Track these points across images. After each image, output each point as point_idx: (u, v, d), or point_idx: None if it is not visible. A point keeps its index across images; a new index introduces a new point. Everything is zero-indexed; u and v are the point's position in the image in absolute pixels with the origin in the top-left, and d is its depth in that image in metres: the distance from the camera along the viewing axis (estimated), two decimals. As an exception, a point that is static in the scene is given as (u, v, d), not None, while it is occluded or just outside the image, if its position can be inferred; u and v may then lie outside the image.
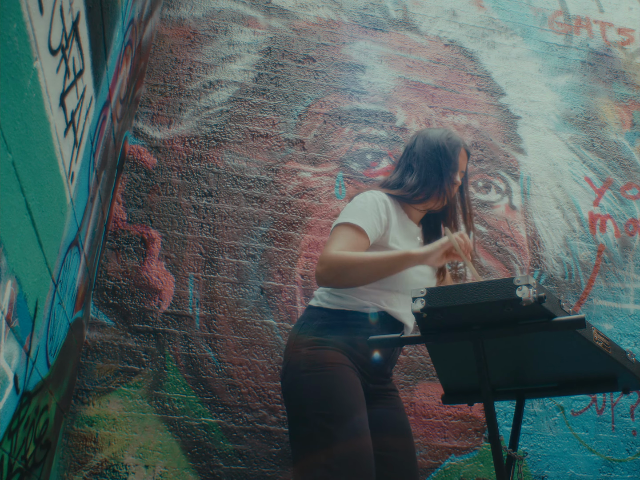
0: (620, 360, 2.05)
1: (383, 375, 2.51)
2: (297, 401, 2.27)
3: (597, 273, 3.83)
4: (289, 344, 2.41)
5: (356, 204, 2.46)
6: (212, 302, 3.17)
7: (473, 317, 1.85)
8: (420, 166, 2.58)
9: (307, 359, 2.30)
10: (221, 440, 2.99)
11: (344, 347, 2.32)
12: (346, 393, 2.25)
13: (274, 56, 3.71)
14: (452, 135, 2.64)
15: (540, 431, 3.44)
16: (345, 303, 2.39)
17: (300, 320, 2.46)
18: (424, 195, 2.55)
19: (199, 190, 3.33)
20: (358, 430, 2.19)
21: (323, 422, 2.18)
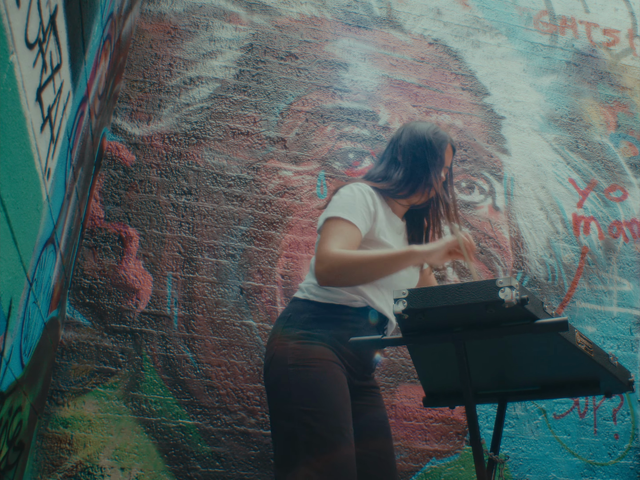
0: (603, 363, 2.06)
1: (368, 371, 2.52)
2: (282, 396, 2.27)
3: (580, 275, 3.86)
4: (274, 336, 2.40)
5: (344, 197, 2.45)
6: (191, 302, 3.17)
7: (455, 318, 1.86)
8: (406, 160, 2.59)
9: (294, 353, 2.29)
10: (199, 443, 2.99)
11: (331, 342, 2.33)
12: (332, 391, 2.25)
13: (255, 53, 3.71)
14: (439, 130, 2.64)
15: (522, 434, 3.46)
16: (333, 296, 2.39)
17: (286, 312, 2.45)
18: (409, 190, 2.56)
19: (178, 188, 3.33)
20: (342, 430, 2.19)
21: (307, 419, 2.18)
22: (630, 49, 4.60)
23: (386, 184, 2.57)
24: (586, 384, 2.22)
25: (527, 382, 2.30)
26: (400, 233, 2.63)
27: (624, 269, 3.96)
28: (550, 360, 2.10)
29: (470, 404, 1.93)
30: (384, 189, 2.56)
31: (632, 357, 3.79)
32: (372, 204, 2.46)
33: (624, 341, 3.81)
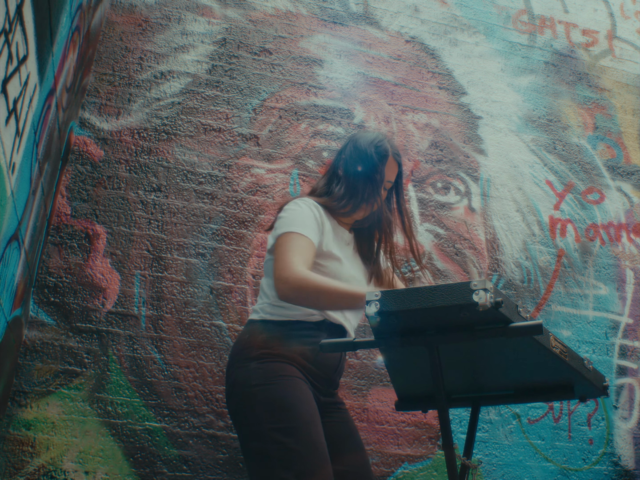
0: (578, 367, 2.08)
1: (332, 386, 2.52)
2: (249, 417, 2.26)
3: (556, 278, 3.89)
4: (233, 361, 2.39)
5: (292, 213, 2.44)
6: (159, 302, 3.16)
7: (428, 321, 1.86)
8: (346, 175, 2.58)
9: (257, 372, 2.29)
10: (166, 446, 2.98)
11: (293, 359, 2.33)
12: (301, 405, 2.25)
13: (229, 47, 3.71)
14: (382, 143, 2.61)
15: (496, 439, 3.48)
16: (289, 313, 2.39)
17: (243, 335, 2.43)
18: (351, 208, 2.55)
19: (148, 184, 3.32)
20: (316, 443, 2.19)
21: (279, 436, 2.17)
22: (609, 50, 4.65)
23: (328, 199, 2.56)
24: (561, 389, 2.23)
25: (501, 386, 2.31)
26: (349, 244, 2.63)
27: (600, 273, 4.01)
28: (524, 364, 2.11)
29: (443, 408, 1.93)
30: (326, 205, 2.56)
31: (607, 362, 3.84)
32: (319, 217, 2.47)
33: (600, 345, 3.85)
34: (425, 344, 1.91)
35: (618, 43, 4.71)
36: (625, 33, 4.76)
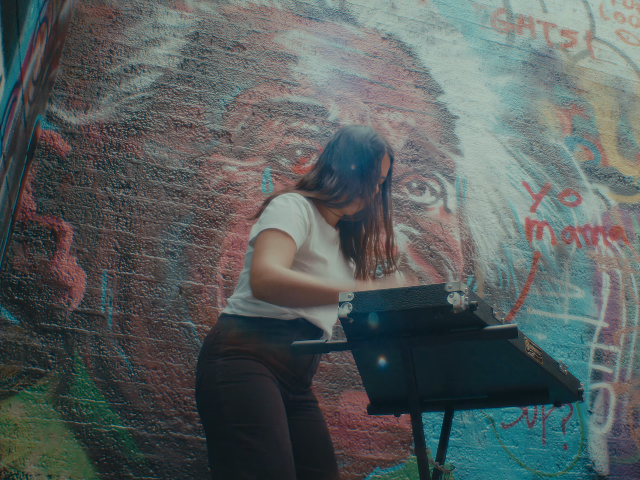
0: (552, 372, 2.10)
1: (303, 384, 2.52)
2: (214, 414, 2.27)
3: (532, 281, 3.92)
4: (203, 355, 2.40)
5: (279, 208, 2.45)
6: (127, 301, 3.15)
7: (402, 323, 1.86)
8: (340, 168, 2.58)
9: (223, 369, 2.30)
10: (132, 449, 2.97)
11: (262, 356, 2.33)
12: (266, 404, 2.26)
13: (201, 42, 3.70)
14: (377, 138, 2.64)
15: (469, 444, 3.50)
16: (262, 310, 2.40)
17: (214, 329, 2.44)
18: (343, 201, 2.57)
19: (116, 181, 3.30)
20: (280, 443, 2.20)
21: (243, 435, 2.18)
22: (587, 51, 4.70)
23: (319, 192, 2.57)
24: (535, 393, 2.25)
25: (475, 390, 2.32)
26: (334, 243, 2.65)
27: (576, 276, 4.04)
28: (499, 368, 2.12)
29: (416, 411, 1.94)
30: (317, 198, 2.57)
31: (582, 366, 3.87)
32: (307, 216, 2.47)
33: (575, 349, 3.88)
34: (399, 347, 1.92)
35: (597, 44, 4.75)
36: (604, 34, 4.81)
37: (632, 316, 4.11)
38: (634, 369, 3.99)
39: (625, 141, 4.52)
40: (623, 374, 3.96)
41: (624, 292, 4.14)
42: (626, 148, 4.51)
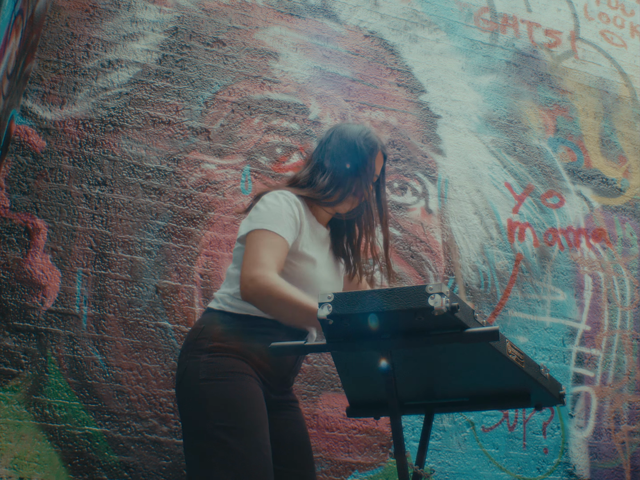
0: (534, 375, 2.11)
1: (286, 385, 2.53)
2: (194, 412, 2.27)
3: (513, 283, 3.94)
4: (186, 349, 2.40)
5: (270, 207, 2.44)
6: (102, 301, 3.13)
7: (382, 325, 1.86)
8: (333, 166, 2.58)
9: (207, 366, 2.29)
10: (106, 452, 2.96)
11: (246, 355, 2.33)
12: (248, 405, 2.25)
13: (180, 37, 3.69)
14: (370, 135, 2.64)
15: (449, 447, 3.51)
16: (249, 307, 2.38)
17: (199, 323, 2.44)
18: (337, 199, 2.56)
19: (92, 178, 3.29)
20: (259, 445, 2.20)
21: (222, 435, 2.18)
22: (571, 52, 4.72)
23: (311, 190, 2.57)
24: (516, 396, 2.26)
25: (456, 393, 2.33)
26: (325, 243, 2.64)
27: (559, 278, 4.06)
28: (479, 371, 2.13)
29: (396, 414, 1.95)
30: (308, 195, 2.56)
31: (564, 369, 3.89)
32: (298, 215, 2.47)
33: (556, 352, 3.90)
34: (379, 349, 1.92)
35: (581, 44, 4.78)
36: (588, 34, 4.84)
37: (614, 319, 4.14)
38: (616, 372, 4.02)
39: (608, 143, 4.55)
40: (605, 378, 3.99)
41: (606, 295, 4.16)
42: (609, 150, 4.54)
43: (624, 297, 4.21)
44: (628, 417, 3.98)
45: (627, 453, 3.90)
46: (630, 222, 4.41)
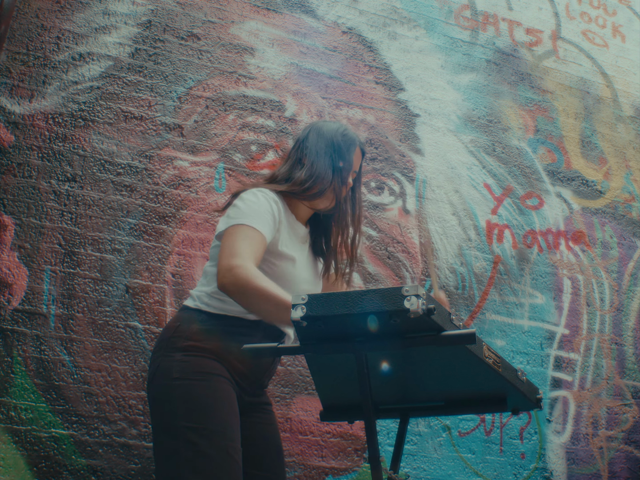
0: (511, 379, 2.11)
1: (260, 387, 2.53)
2: (165, 411, 2.26)
3: (491, 286, 3.96)
4: (160, 347, 2.39)
5: (248, 204, 2.44)
6: (70, 300, 3.12)
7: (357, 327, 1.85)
8: (311, 162, 2.59)
9: (181, 365, 2.29)
10: (73, 455, 2.95)
11: (221, 356, 2.33)
12: (220, 407, 2.25)
13: (154, 30, 3.68)
14: (348, 132, 2.66)
15: (425, 452, 3.53)
16: (226, 307, 2.39)
17: (174, 321, 2.44)
18: (314, 193, 2.57)
19: (62, 174, 3.27)
20: (230, 448, 2.20)
21: (193, 436, 2.18)
22: (553, 51, 4.76)
23: (290, 185, 2.58)
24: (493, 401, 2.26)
25: (431, 397, 2.33)
26: (304, 242, 2.65)
27: (537, 281, 4.09)
28: (456, 375, 2.13)
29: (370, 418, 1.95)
30: (287, 190, 2.57)
31: (541, 373, 3.92)
32: (277, 212, 2.47)
33: (534, 356, 3.93)
34: (354, 351, 1.92)
35: (562, 44, 4.81)
36: (570, 34, 4.87)
37: (593, 323, 4.17)
38: (594, 377, 4.05)
39: (589, 144, 4.59)
40: (583, 382, 4.02)
41: (585, 298, 4.20)
42: (590, 151, 4.58)
43: (603, 301, 4.25)
44: (606, 422, 4.01)
45: (605, 459, 3.94)
46: (610, 224, 4.45)
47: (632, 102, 4.86)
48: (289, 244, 2.51)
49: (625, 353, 4.21)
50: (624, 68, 4.93)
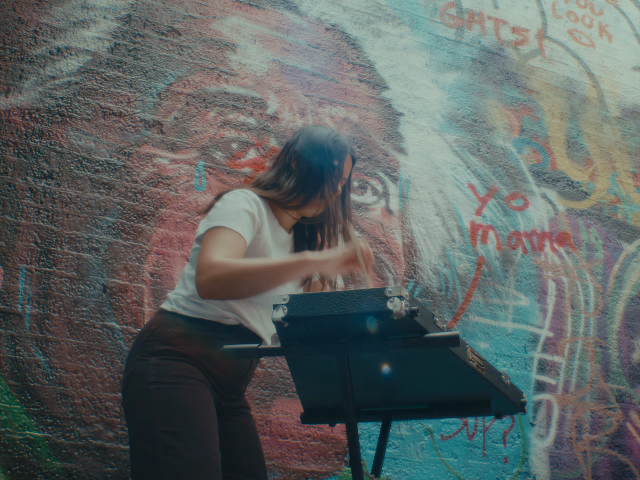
0: (494, 382, 2.13)
1: (237, 392, 2.53)
2: (142, 415, 2.26)
3: (475, 287, 3.98)
4: (136, 351, 2.39)
5: (228, 204, 2.44)
6: (46, 300, 3.11)
7: (339, 328, 1.86)
8: (300, 168, 2.58)
9: (157, 369, 2.28)
10: (48, 458, 2.94)
11: (198, 361, 2.33)
12: (197, 410, 2.25)
13: (134, 25, 3.67)
14: (340, 139, 2.64)
15: (406, 456, 3.54)
16: (203, 311, 2.39)
17: (150, 324, 2.43)
18: (301, 201, 2.56)
19: (38, 170, 3.26)
20: (209, 451, 2.20)
21: (170, 440, 2.17)
22: (539, 50, 4.78)
23: (275, 192, 2.57)
24: (476, 404, 2.28)
25: (414, 400, 2.34)
26: (286, 247, 2.64)
27: (521, 283, 4.11)
28: (439, 377, 2.14)
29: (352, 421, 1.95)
30: (272, 197, 2.56)
31: (525, 376, 3.94)
32: (258, 214, 2.46)
33: (518, 359, 3.95)
34: (335, 353, 1.92)
35: (548, 43, 4.84)
36: (556, 33, 4.90)
37: (578, 326, 4.20)
38: (578, 380, 4.08)
39: (574, 145, 4.62)
40: (567, 386, 4.05)
41: (570, 300, 4.22)
42: (576, 152, 4.60)
43: (587, 303, 4.28)
44: (590, 426, 4.04)
45: (589, 463, 3.96)
46: (595, 226, 4.48)
47: (618, 103, 4.89)
48: (271, 247, 2.51)
49: (610, 356, 4.24)
50: (611, 68, 4.96)
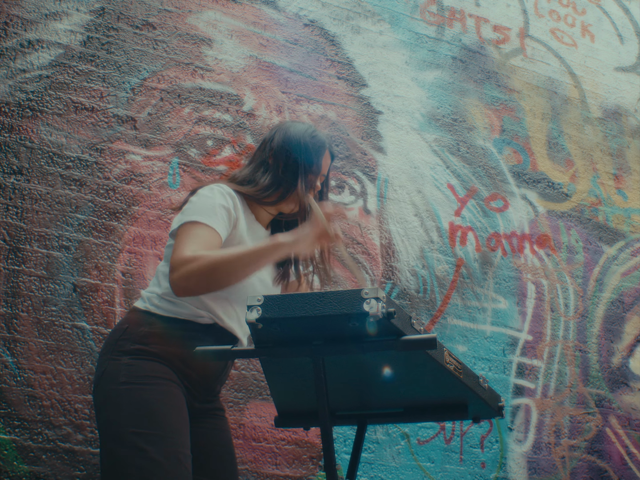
0: (472, 386, 2.13)
1: (211, 394, 2.53)
2: (112, 416, 2.25)
3: (454, 289, 3.99)
4: (107, 350, 2.38)
5: (202, 199, 2.44)
6: (14, 299, 3.09)
7: (314, 330, 1.86)
8: (276, 164, 2.59)
9: (128, 369, 2.28)
10: (15, 461, 2.93)
11: (171, 361, 2.32)
12: (168, 412, 2.25)
13: (107, 18, 3.66)
14: (317, 134, 2.65)
15: (382, 460, 3.54)
16: (177, 310, 2.38)
17: (123, 323, 2.43)
18: (278, 197, 2.57)
19: (7, 166, 3.24)
20: (179, 454, 2.20)
21: (140, 442, 2.17)
22: (520, 49, 4.80)
23: (251, 188, 2.57)
24: (453, 408, 2.28)
25: (390, 404, 2.35)
26: None
27: (501, 285, 4.13)
28: (416, 381, 2.15)
29: (327, 425, 1.96)
30: (248, 193, 2.57)
31: (504, 380, 3.96)
32: (234, 208, 2.47)
33: (496, 362, 3.97)
34: (310, 355, 1.92)
35: (530, 42, 4.86)
36: (538, 32, 4.92)
37: (557, 329, 4.22)
38: (557, 384, 4.11)
39: (556, 145, 4.64)
40: (546, 390, 4.07)
41: (550, 303, 4.25)
42: (557, 153, 4.63)
43: (567, 307, 4.30)
44: (569, 431, 4.07)
45: (567, 468, 3.99)
46: (575, 228, 4.51)
47: (600, 104, 4.92)
48: (246, 242, 2.51)
49: (590, 360, 4.27)
50: (593, 68, 5.00)
